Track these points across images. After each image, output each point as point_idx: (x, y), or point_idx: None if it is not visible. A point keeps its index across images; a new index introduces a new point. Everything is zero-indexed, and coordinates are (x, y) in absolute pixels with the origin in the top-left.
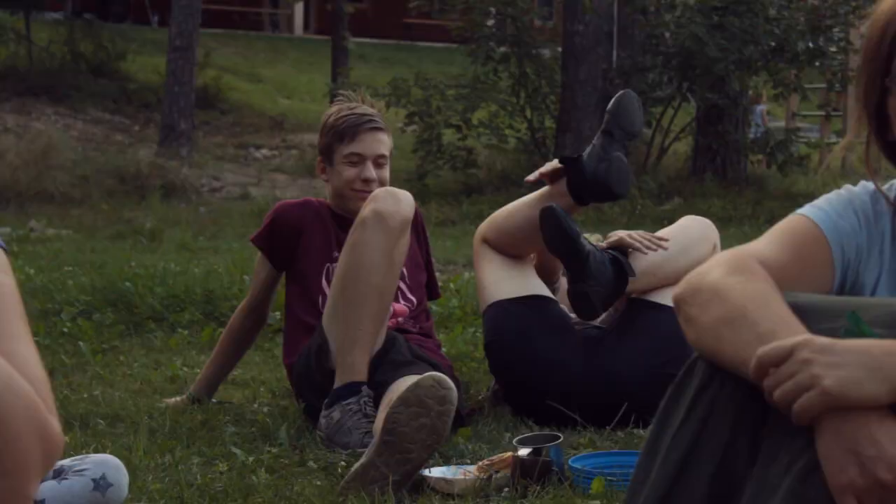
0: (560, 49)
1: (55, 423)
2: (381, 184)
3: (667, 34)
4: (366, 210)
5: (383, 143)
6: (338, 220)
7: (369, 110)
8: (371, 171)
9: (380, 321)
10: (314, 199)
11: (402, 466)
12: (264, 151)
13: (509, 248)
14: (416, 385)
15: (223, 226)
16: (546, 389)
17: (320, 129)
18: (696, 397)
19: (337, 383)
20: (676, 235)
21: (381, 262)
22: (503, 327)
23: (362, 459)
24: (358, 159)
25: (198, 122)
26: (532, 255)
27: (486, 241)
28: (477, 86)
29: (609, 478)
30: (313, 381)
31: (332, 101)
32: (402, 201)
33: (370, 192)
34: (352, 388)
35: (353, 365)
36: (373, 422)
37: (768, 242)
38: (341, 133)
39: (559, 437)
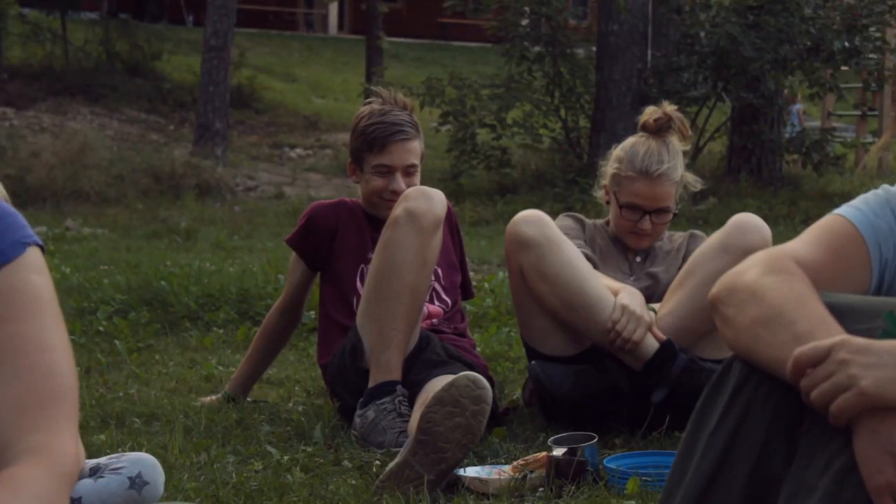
0: (594, 48)
1: (72, 448)
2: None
3: (702, 34)
4: (398, 209)
5: (413, 152)
6: (371, 220)
7: (400, 116)
8: (400, 183)
9: (413, 320)
10: (348, 200)
11: (436, 466)
12: (299, 151)
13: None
14: (451, 384)
15: (258, 225)
16: (592, 419)
17: (351, 130)
18: (732, 397)
19: (371, 383)
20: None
21: (413, 260)
22: (555, 385)
23: (397, 459)
24: (387, 170)
25: (232, 122)
26: None
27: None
28: (511, 85)
29: (644, 478)
30: (348, 381)
31: (365, 101)
32: (434, 200)
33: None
34: (386, 388)
35: (387, 364)
36: (407, 421)
37: (805, 242)
38: (370, 142)
39: (594, 437)
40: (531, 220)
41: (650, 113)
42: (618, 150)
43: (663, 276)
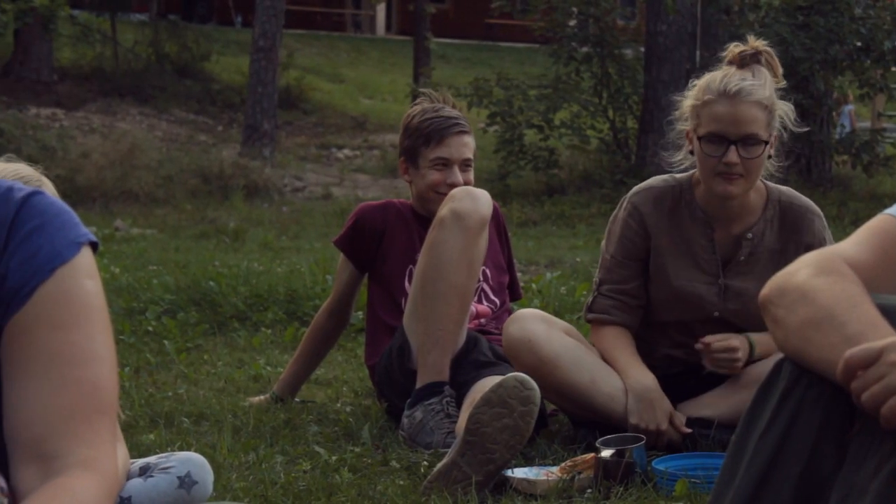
0: (643, 49)
1: (116, 463)
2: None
3: (750, 34)
4: (444, 209)
5: (469, 146)
6: (420, 220)
7: (454, 112)
8: (458, 176)
9: (460, 321)
10: (396, 201)
11: (484, 467)
12: (346, 151)
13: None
14: (499, 385)
15: (305, 225)
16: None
17: (402, 129)
18: (782, 399)
19: (419, 383)
20: None
21: (459, 261)
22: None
23: (445, 459)
24: (444, 164)
25: (280, 123)
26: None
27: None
28: (559, 86)
29: (693, 480)
30: (395, 382)
31: (413, 101)
32: (479, 200)
33: None
34: (434, 389)
35: (434, 365)
36: (455, 422)
37: (855, 243)
38: (427, 136)
39: (643, 439)
40: (521, 343)
41: (735, 46)
42: (698, 82)
43: (753, 289)
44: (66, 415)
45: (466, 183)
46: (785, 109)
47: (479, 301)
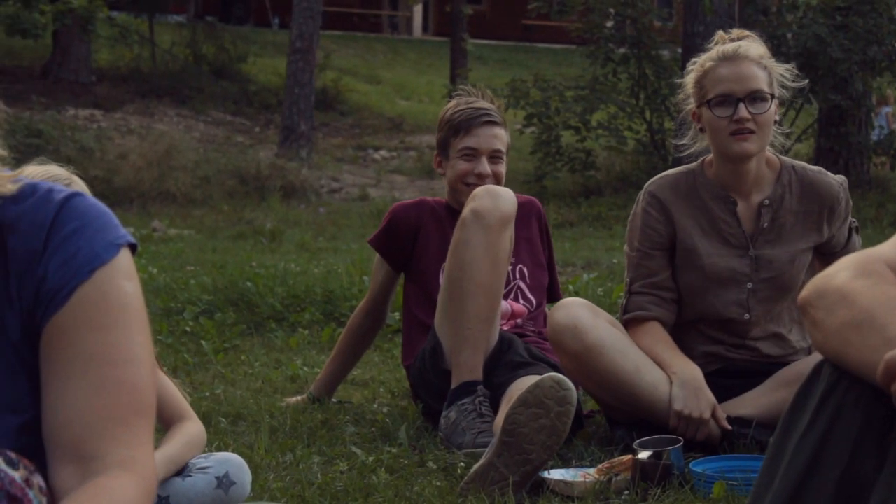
0: (680, 50)
1: (154, 465)
2: (497, 180)
3: (789, 35)
4: (465, 209)
5: (499, 137)
6: (454, 216)
7: (487, 105)
8: (485, 166)
9: (489, 318)
10: (430, 199)
11: (521, 467)
12: (383, 153)
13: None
14: (535, 386)
15: (342, 226)
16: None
17: (438, 123)
18: (821, 402)
19: (453, 384)
20: None
21: (483, 259)
22: None
23: (482, 460)
24: (472, 153)
25: (317, 124)
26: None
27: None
28: (596, 87)
29: (731, 482)
30: (429, 383)
31: (450, 100)
32: (500, 198)
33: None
34: (467, 388)
35: (466, 364)
36: (487, 422)
37: (895, 245)
38: (457, 126)
39: (680, 441)
40: (567, 329)
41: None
42: (695, 62)
43: (784, 255)
44: (104, 416)
45: (496, 175)
46: (779, 70)
47: (516, 299)
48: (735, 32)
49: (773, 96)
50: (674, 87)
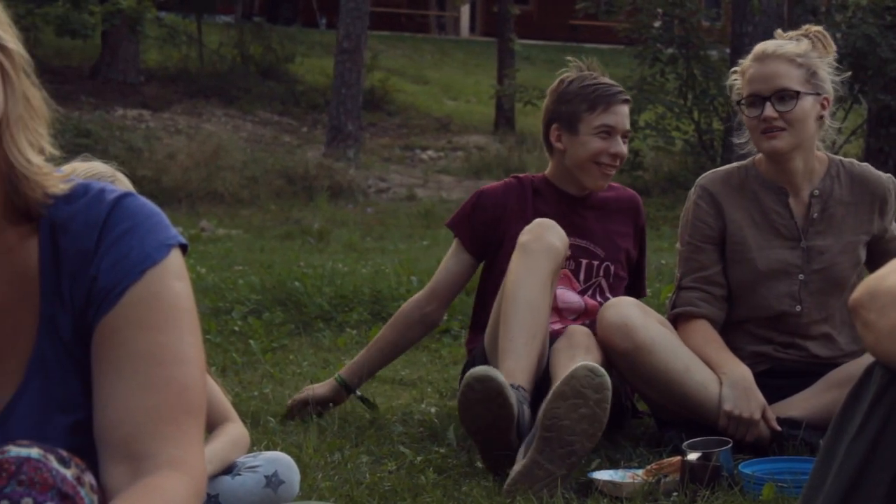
0: (728, 50)
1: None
2: (622, 160)
3: (838, 35)
4: (523, 237)
5: (629, 118)
6: (557, 194)
7: (614, 81)
8: (622, 146)
9: (535, 333)
10: (523, 177)
11: (566, 460)
12: (430, 153)
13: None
14: (570, 377)
15: (389, 227)
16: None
17: (555, 94)
18: (873, 404)
19: None
20: None
21: (526, 280)
22: None
23: (524, 460)
24: (608, 132)
25: (365, 124)
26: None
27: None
28: (643, 87)
29: (780, 484)
30: None
31: (498, 90)
32: (549, 231)
33: (616, 167)
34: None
35: (508, 370)
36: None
37: None
38: (593, 101)
39: (729, 442)
40: (617, 327)
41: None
42: None
43: (835, 246)
44: (154, 415)
45: (624, 157)
46: (825, 69)
47: (593, 296)
48: (792, 32)
49: (808, 93)
50: (722, 88)
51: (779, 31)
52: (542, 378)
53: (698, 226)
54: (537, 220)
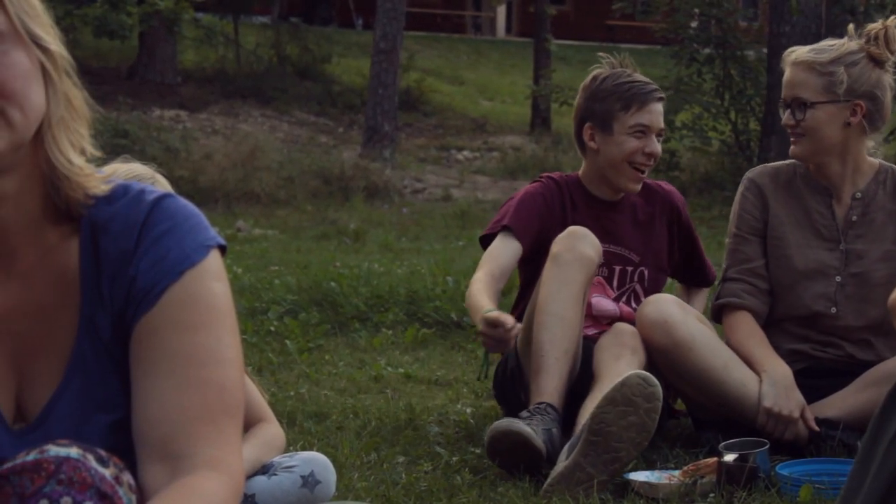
0: (765, 50)
1: (242, 465)
2: (656, 160)
3: None
4: (555, 247)
5: (662, 116)
6: (588, 199)
7: (648, 79)
8: (656, 145)
9: (567, 350)
10: (556, 181)
11: (609, 466)
12: (466, 153)
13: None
14: (622, 384)
15: (425, 227)
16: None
17: (588, 92)
18: None
19: (530, 404)
20: None
21: (558, 292)
22: None
23: (567, 461)
24: (643, 131)
25: (401, 124)
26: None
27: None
28: (680, 87)
29: (818, 485)
30: (509, 396)
31: (534, 91)
32: (582, 240)
33: (650, 167)
34: (539, 409)
35: (539, 389)
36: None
37: None
38: (628, 100)
39: (766, 444)
40: (656, 324)
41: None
42: None
43: (874, 252)
44: (192, 415)
45: (658, 156)
46: (878, 73)
47: (628, 302)
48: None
49: (826, 102)
50: (759, 88)
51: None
52: (580, 376)
53: (745, 217)
54: (570, 229)
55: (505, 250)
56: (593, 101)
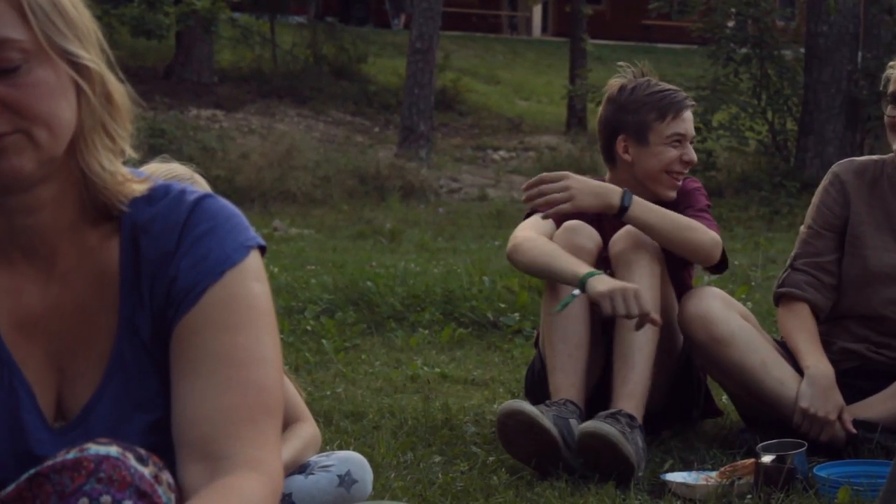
0: (803, 50)
1: (281, 465)
2: (692, 166)
3: None
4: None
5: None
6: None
7: (674, 86)
8: (692, 153)
9: (574, 344)
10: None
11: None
12: (502, 153)
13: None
14: None
15: (461, 227)
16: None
17: (616, 103)
18: None
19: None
20: None
21: (561, 289)
22: None
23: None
24: (681, 139)
25: (436, 124)
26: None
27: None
28: (717, 87)
29: (856, 487)
30: (539, 392)
31: (570, 90)
32: (579, 234)
33: (685, 175)
34: (554, 403)
35: (555, 385)
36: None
37: None
38: (663, 109)
39: (804, 445)
40: (696, 318)
41: None
42: None
43: None
44: (232, 416)
45: (695, 161)
46: None
47: None
48: None
49: None
50: (796, 88)
51: None
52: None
53: (823, 211)
54: (565, 224)
55: (541, 224)
56: (624, 112)
